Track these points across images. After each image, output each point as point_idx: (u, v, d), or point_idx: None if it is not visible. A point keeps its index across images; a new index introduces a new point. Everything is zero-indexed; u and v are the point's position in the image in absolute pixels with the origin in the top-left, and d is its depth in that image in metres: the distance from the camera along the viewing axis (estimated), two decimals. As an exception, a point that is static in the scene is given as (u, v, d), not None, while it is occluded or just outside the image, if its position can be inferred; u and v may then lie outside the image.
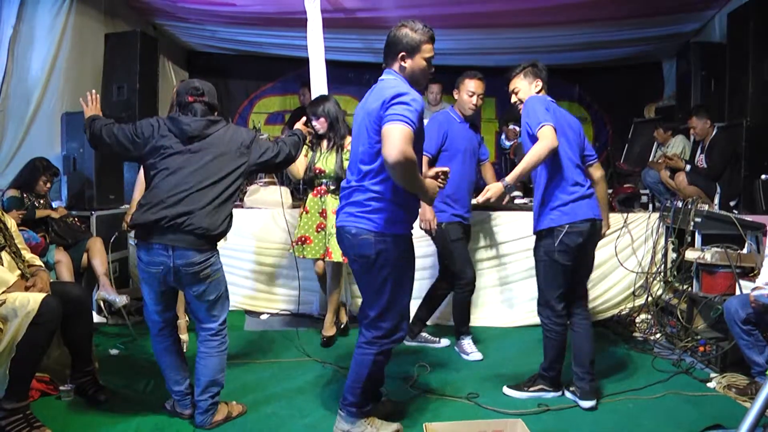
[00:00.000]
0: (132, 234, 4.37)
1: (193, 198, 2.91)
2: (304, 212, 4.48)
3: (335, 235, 3.02)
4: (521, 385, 3.66)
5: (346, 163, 4.28)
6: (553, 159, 3.35)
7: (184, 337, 4.36)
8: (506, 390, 3.67)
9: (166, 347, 3.15)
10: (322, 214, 4.40)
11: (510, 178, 3.30)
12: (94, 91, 3.35)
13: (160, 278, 2.96)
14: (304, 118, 3.87)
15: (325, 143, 4.41)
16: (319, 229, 4.41)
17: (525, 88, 3.54)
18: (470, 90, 4.21)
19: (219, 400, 3.18)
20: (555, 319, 3.48)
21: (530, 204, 5.41)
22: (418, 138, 2.71)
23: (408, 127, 2.58)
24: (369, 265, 2.82)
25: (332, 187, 4.37)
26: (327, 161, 4.36)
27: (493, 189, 3.25)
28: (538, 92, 3.51)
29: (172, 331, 3.19)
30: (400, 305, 2.92)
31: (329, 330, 4.59)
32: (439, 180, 2.84)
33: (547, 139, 3.20)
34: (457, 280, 4.29)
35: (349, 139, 4.31)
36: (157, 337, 3.15)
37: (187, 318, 4.43)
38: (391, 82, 2.83)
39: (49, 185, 4.67)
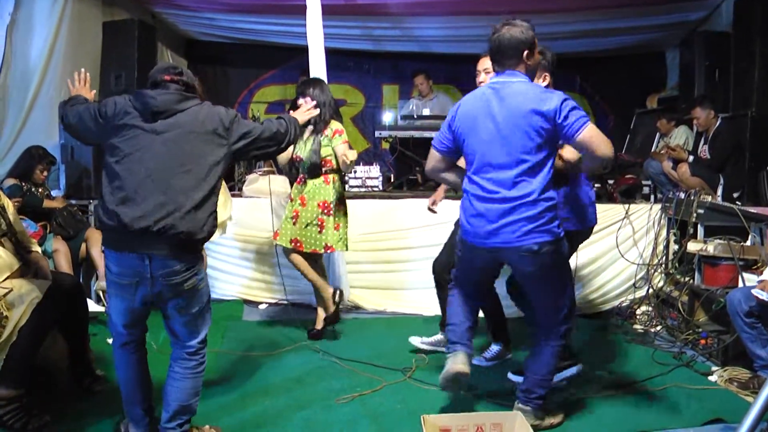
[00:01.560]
0: None
1: (167, 193, 2.43)
2: (290, 200, 4.39)
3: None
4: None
5: (324, 150, 4.18)
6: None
7: None
8: (510, 376, 3.63)
9: (129, 361, 2.69)
10: (301, 202, 4.24)
11: None
12: (83, 69, 3.02)
13: (134, 291, 2.50)
14: (310, 103, 3.53)
15: (309, 128, 4.24)
16: (294, 219, 4.27)
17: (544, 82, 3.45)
18: (478, 68, 3.82)
19: (188, 429, 2.73)
20: None
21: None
22: None
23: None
24: (554, 270, 2.93)
25: (307, 174, 4.24)
26: (305, 147, 4.22)
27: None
28: (546, 86, 3.37)
29: (138, 347, 2.72)
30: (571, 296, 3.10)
31: (318, 323, 4.47)
32: None
33: None
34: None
35: (333, 125, 4.21)
36: (119, 350, 2.69)
37: None
38: (529, 85, 2.87)
39: (45, 174, 4.64)
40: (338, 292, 4.39)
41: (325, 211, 4.21)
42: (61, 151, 4.96)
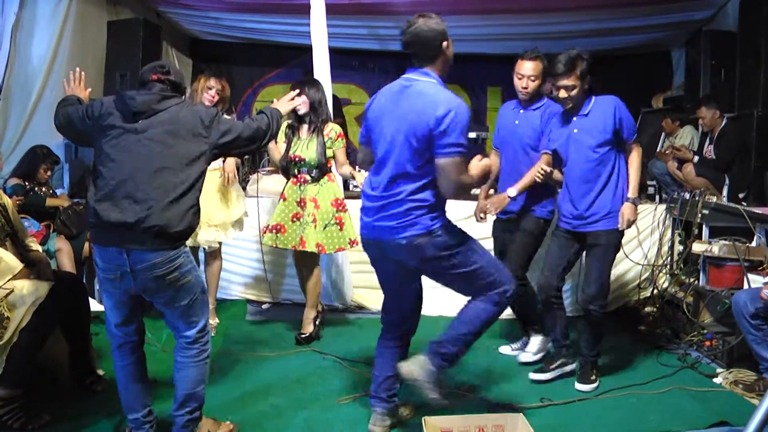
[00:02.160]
0: None
1: (144, 189, 2.46)
2: (281, 200, 4.30)
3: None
4: (544, 368, 3.74)
5: (329, 152, 4.19)
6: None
7: (213, 321, 4.37)
8: (532, 375, 3.71)
9: (125, 365, 2.72)
10: (300, 203, 4.20)
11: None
12: (78, 69, 3.04)
13: (117, 284, 2.55)
14: (291, 93, 3.38)
15: (304, 128, 4.21)
16: (294, 219, 4.21)
17: (579, 86, 3.48)
18: (520, 72, 3.78)
19: (199, 416, 2.78)
20: None
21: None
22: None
23: (464, 157, 2.64)
24: (438, 262, 2.79)
25: (314, 175, 4.19)
26: (307, 147, 4.16)
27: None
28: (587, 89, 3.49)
29: (135, 348, 2.75)
30: (490, 269, 2.86)
31: (306, 327, 4.40)
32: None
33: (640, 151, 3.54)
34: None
35: (330, 126, 4.21)
36: (116, 352, 2.72)
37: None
38: (431, 87, 2.74)
39: (49, 173, 4.65)
40: (321, 314, 4.48)
41: (341, 208, 4.24)
42: (64, 150, 4.98)
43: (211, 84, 4.22)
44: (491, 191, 4.13)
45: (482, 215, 3.96)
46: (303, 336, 4.34)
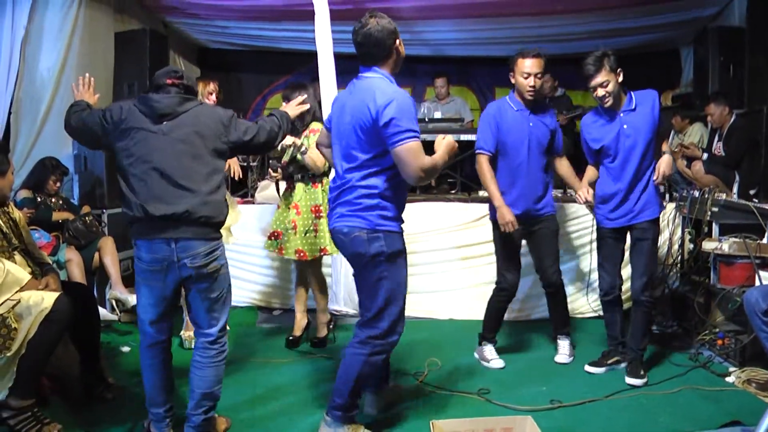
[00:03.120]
0: None
1: (186, 181, 2.67)
2: (277, 208, 4.39)
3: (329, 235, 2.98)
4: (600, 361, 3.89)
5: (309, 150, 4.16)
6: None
7: (190, 333, 4.36)
8: (587, 368, 3.88)
9: (153, 364, 2.86)
10: (297, 210, 4.22)
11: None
12: (87, 75, 3.17)
13: (164, 277, 2.71)
14: (300, 97, 3.50)
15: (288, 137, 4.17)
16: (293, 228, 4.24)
17: (614, 80, 3.56)
18: (525, 71, 3.76)
19: (213, 416, 2.93)
20: None
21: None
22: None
23: (417, 141, 2.66)
24: (364, 264, 2.81)
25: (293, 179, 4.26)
26: (289, 153, 4.15)
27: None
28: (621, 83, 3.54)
29: (164, 348, 2.89)
30: (397, 305, 2.86)
31: (321, 331, 4.45)
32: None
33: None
34: (496, 281, 4.06)
35: (314, 125, 4.17)
36: (146, 351, 2.86)
37: None
38: (376, 81, 2.79)
39: (59, 184, 4.68)
40: (333, 322, 4.50)
41: (318, 215, 4.20)
42: (74, 162, 5.02)
43: (211, 89, 4.36)
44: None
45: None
46: (317, 340, 4.38)
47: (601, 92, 3.57)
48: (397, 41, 2.85)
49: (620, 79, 3.57)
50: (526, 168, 3.84)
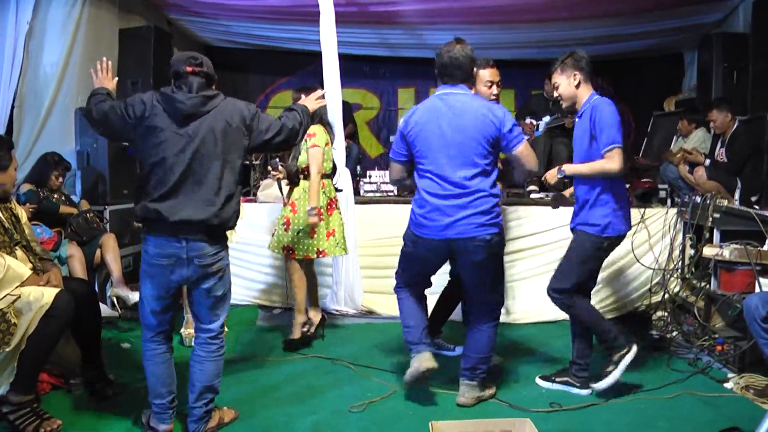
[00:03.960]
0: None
1: (202, 190, 2.74)
2: (283, 205, 4.42)
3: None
4: (551, 376, 3.77)
5: (302, 156, 4.19)
6: None
7: (192, 330, 4.37)
8: (537, 380, 3.78)
9: (155, 355, 2.93)
10: (293, 208, 4.26)
11: (570, 169, 3.54)
12: (105, 58, 3.16)
13: (170, 271, 2.78)
14: (319, 91, 3.54)
15: None
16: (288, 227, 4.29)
17: (564, 82, 3.52)
18: (486, 80, 3.88)
19: (213, 407, 3.02)
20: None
21: (546, 199, 5.36)
22: None
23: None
24: (496, 261, 3.33)
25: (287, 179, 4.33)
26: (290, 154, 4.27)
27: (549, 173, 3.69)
28: (577, 86, 3.48)
29: (166, 339, 2.98)
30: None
31: (295, 332, 4.44)
32: None
33: (615, 164, 3.33)
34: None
35: (311, 129, 4.14)
36: (148, 343, 2.93)
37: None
38: (478, 100, 3.29)
39: (61, 180, 4.69)
40: (310, 324, 4.49)
41: (320, 218, 4.22)
42: (77, 158, 5.02)
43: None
44: None
45: None
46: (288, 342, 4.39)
47: (555, 93, 3.61)
48: (475, 69, 3.43)
49: (575, 81, 3.47)
50: None
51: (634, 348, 3.49)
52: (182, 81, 2.80)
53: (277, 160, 4.36)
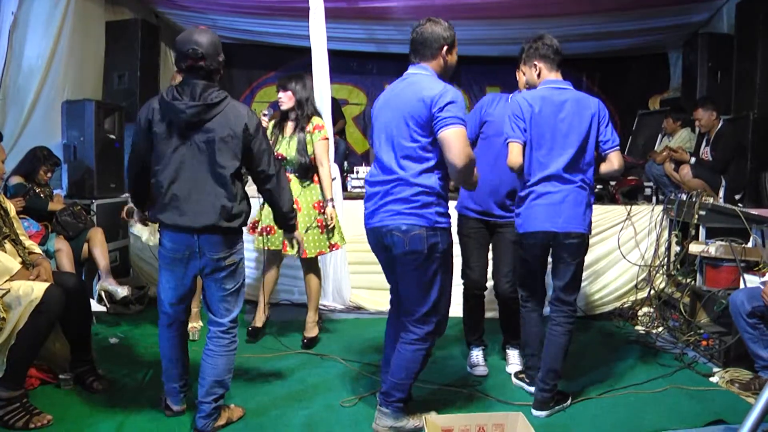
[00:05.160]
0: (133, 223, 4.17)
1: (209, 194, 2.74)
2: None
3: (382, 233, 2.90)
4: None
5: (309, 148, 4.09)
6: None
7: (197, 324, 4.35)
8: (513, 379, 3.70)
9: (171, 341, 3.03)
10: (297, 205, 4.11)
11: None
12: None
13: (185, 263, 2.84)
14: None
15: (290, 125, 4.16)
16: None
17: (528, 74, 3.44)
18: None
19: (222, 405, 3.01)
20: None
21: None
22: None
23: (464, 128, 2.75)
24: (420, 261, 2.84)
25: (298, 175, 4.15)
26: (289, 146, 4.10)
27: None
28: (538, 75, 3.36)
29: (181, 327, 3.07)
30: (447, 297, 3.00)
31: (309, 331, 4.38)
32: None
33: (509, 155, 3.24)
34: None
35: (314, 120, 4.14)
36: (165, 329, 3.02)
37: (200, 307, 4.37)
38: (425, 78, 2.88)
39: (49, 175, 4.64)
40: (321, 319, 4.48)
41: (322, 211, 4.17)
42: (63, 151, 4.96)
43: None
44: None
45: None
46: (306, 340, 4.34)
47: (520, 85, 3.65)
48: (445, 47, 2.93)
49: (535, 72, 3.36)
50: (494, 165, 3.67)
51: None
52: (183, 83, 2.75)
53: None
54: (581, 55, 7.82)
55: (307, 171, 4.15)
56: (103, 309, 4.47)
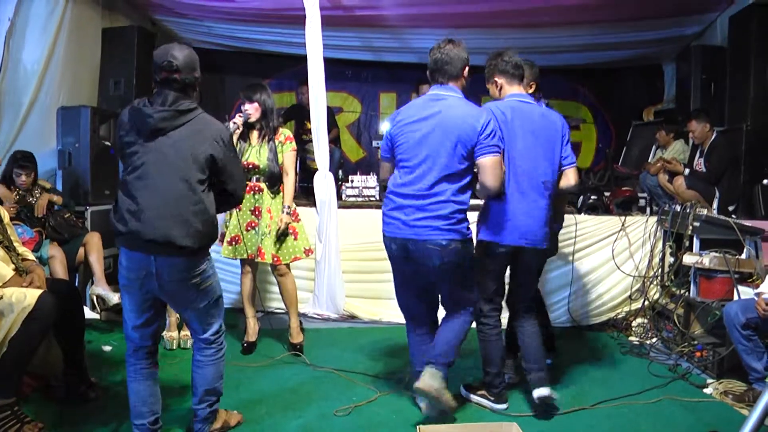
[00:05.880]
0: None
1: (171, 206, 2.57)
2: (236, 209, 4.17)
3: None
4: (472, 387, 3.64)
5: (280, 157, 4.14)
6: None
7: (173, 334, 4.34)
8: (472, 396, 3.58)
9: (136, 371, 2.80)
10: (255, 212, 4.19)
11: None
12: None
13: (141, 284, 2.64)
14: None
15: (255, 134, 4.17)
16: (249, 228, 4.19)
17: (492, 91, 3.55)
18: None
19: (218, 408, 2.99)
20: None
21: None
22: None
23: (500, 155, 3.11)
24: (455, 267, 3.14)
25: (268, 183, 4.18)
26: (260, 154, 4.12)
27: None
28: (500, 90, 3.48)
29: (149, 354, 2.83)
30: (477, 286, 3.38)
31: (295, 337, 4.40)
32: None
33: None
34: None
35: (284, 132, 4.19)
36: (130, 358, 2.80)
37: (177, 315, 4.36)
38: (462, 102, 3.14)
39: (24, 178, 4.43)
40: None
41: (294, 218, 4.23)
42: (58, 157, 4.94)
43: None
44: None
45: None
46: (297, 345, 4.35)
47: None
48: (467, 68, 3.19)
49: (497, 88, 3.48)
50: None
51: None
52: (156, 93, 2.68)
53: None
54: (576, 66, 7.89)
55: (277, 180, 4.20)
56: (96, 316, 4.44)
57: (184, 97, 2.68)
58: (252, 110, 4.08)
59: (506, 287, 3.60)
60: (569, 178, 3.46)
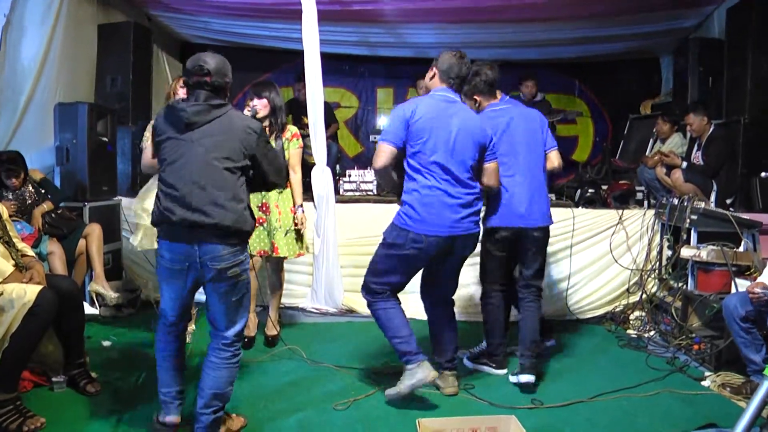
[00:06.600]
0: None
1: (211, 193, 2.67)
2: None
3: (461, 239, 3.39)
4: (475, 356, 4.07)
5: (286, 154, 4.18)
6: None
7: (190, 327, 4.34)
8: (474, 364, 4.03)
9: (166, 347, 2.90)
10: (262, 208, 4.19)
11: None
12: None
13: (184, 276, 2.75)
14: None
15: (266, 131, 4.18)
16: (257, 224, 4.15)
17: (470, 106, 3.75)
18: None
19: (222, 416, 2.90)
20: None
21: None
22: None
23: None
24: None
25: None
26: None
27: None
28: (478, 107, 3.81)
29: (180, 334, 2.94)
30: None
31: (272, 329, 4.45)
32: None
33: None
34: None
35: (291, 129, 4.23)
36: (164, 336, 2.91)
37: (194, 309, 4.35)
38: (470, 110, 3.56)
39: (13, 180, 4.34)
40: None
41: (302, 222, 4.28)
42: (56, 154, 4.92)
43: (182, 83, 4.25)
44: None
45: None
46: (269, 338, 4.42)
47: None
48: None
49: (476, 105, 3.85)
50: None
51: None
52: (189, 95, 2.82)
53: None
54: (573, 60, 7.87)
55: (286, 177, 4.20)
56: (95, 312, 4.44)
57: (215, 97, 2.79)
58: (260, 106, 4.10)
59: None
60: (553, 161, 3.91)
